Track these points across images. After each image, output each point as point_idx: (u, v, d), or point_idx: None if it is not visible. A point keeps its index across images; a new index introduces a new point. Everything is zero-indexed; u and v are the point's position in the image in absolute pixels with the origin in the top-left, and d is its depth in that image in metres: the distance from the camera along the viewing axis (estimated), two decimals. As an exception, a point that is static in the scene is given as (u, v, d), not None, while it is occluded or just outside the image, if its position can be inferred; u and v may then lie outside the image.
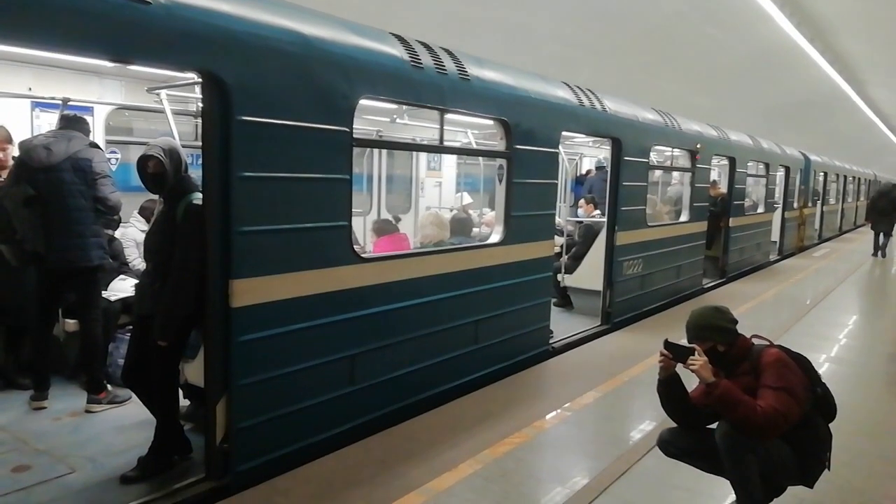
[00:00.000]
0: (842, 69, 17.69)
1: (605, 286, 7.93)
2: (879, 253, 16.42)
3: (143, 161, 3.81)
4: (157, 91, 5.27)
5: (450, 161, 11.14)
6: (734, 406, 3.04)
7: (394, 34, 4.87)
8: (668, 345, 3.31)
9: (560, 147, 6.87)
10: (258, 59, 3.68)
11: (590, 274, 8.23)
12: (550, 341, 6.82)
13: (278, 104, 3.81)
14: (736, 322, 3.42)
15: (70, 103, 5.54)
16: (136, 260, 5.91)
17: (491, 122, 5.99)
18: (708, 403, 3.17)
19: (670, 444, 3.47)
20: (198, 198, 3.79)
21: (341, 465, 4.07)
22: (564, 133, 6.85)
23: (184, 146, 4.13)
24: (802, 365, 3.29)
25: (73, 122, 4.87)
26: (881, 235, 16.42)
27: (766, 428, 3.01)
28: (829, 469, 3.30)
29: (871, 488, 4.03)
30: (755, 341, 3.42)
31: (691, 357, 3.18)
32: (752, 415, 3.00)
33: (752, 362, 3.25)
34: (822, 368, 6.40)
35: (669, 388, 3.38)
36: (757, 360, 3.23)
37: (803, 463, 3.20)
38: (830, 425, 3.38)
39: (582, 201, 9.55)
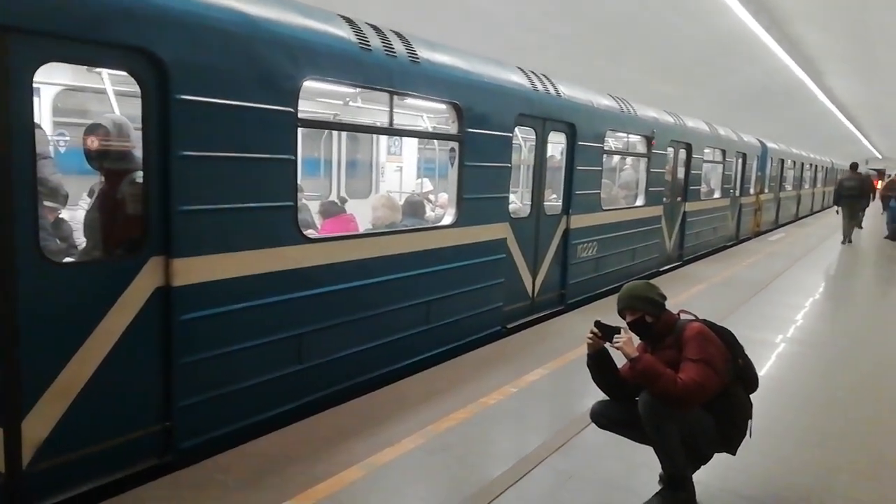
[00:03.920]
0: (799, 59, 18.02)
1: (558, 269, 8.03)
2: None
3: (88, 135, 3.79)
4: (98, 70, 5.20)
5: (411, 145, 11.15)
6: (655, 379, 3.17)
7: (341, 16, 4.88)
8: (597, 324, 3.46)
9: (516, 131, 6.94)
10: (198, 38, 3.67)
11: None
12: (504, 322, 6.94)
13: (220, 83, 3.82)
14: (665, 298, 3.55)
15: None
16: (85, 242, 5.84)
17: (445, 107, 6.04)
18: (634, 377, 3.30)
19: (601, 416, 3.61)
20: (140, 176, 3.78)
21: (286, 441, 4.13)
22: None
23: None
24: (725, 338, 3.43)
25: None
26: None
27: (685, 398, 3.15)
28: (750, 437, 3.46)
29: (795, 456, 4.23)
30: (682, 316, 3.56)
31: (616, 335, 3.32)
32: (671, 387, 3.14)
33: (676, 336, 3.39)
34: (779, 349, 6.65)
35: (598, 363, 3.51)
36: (680, 334, 3.37)
37: (724, 431, 3.35)
38: (753, 396, 3.54)
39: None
